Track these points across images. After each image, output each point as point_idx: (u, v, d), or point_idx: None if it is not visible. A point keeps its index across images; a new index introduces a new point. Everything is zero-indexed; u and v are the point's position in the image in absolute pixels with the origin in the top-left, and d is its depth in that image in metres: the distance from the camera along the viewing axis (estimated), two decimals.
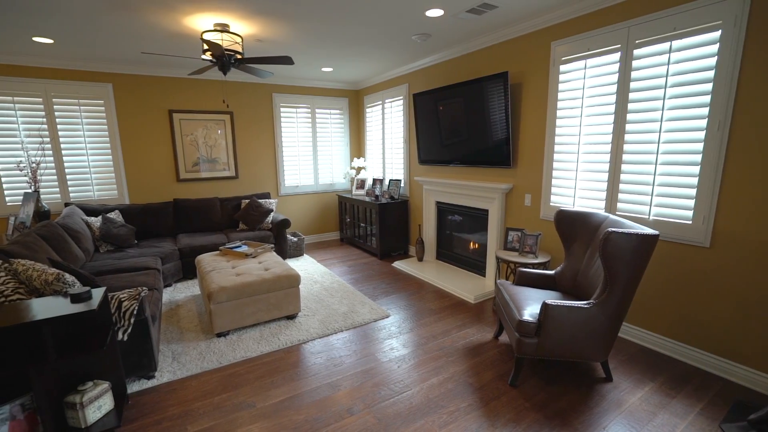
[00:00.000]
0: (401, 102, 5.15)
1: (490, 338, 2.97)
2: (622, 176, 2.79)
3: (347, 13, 2.98)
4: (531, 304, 2.44)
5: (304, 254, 5.41)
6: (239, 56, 3.21)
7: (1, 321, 1.67)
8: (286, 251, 4.91)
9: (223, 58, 3.10)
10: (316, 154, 6.02)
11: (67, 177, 4.44)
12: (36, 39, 3.45)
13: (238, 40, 3.18)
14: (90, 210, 4.26)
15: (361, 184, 5.88)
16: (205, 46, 3.03)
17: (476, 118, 3.80)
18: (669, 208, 2.57)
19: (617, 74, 2.73)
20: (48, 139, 4.28)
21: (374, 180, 5.64)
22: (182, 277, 4.34)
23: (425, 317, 3.35)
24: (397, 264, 4.81)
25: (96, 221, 4.09)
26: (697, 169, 2.41)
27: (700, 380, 2.39)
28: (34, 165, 4.20)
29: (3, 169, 4.12)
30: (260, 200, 5.06)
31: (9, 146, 4.11)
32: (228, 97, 5.22)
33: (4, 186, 4.15)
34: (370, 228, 5.35)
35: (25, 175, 4.19)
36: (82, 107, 4.40)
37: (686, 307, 2.58)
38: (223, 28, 3.12)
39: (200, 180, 5.22)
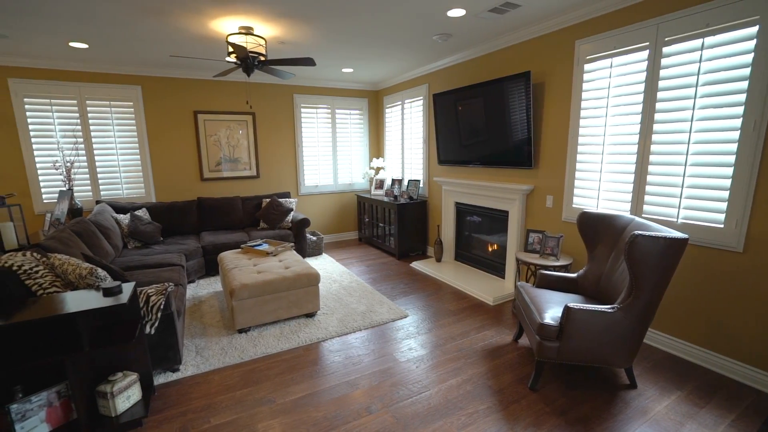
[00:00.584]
0: (421, 102, 5.14)
1: (509, 341, 2.94)
2: (649, 178, 2.70)
3: (369, 14, 3.00)
4: (552, 307, 2.40)
5: (323, 253, 5.47)
6: (263, 58, 3.28)
7: (40, 312, 1.76)
8: (305, 250, 4.98)
9: (248, 60, 3.17)
10: (336, 154, 6.07)
11: (99, 176, 4.63)
12: (72, 44, 3.61)
13: (262, 42, 3.24)
14: (119, 208, 4.43)
15: (380, 184, 5.90)
16: (230, 49, 3.10)
17: (497, 119, 3.76)
18: (699, 211, 2.48)
19: (645, 73, 2.65)
20: (81, 140, 4.47)
21: (393, 180, 5.65)
22: (205, 273, 4.46)
23: (444, 318, 3.34)
24: (416, 264, 4.81)
25: (124, 218, 4.25)
26: (730, 171, 2.32)
27: (731, 390, 2.30)
28: (68, 164, 4.40)
29: (40, 168, 4.33)
30: (280, 199, 5.15)
31: (46, 146, 4.32)
32: (250, 98, 5.33)
33: (41, 184, 4.36)
34: (388, 228, 5.37)
35: (61, 174, 4.40)
36: (113, 109, 4.58)
37: (717, 314, 2.48)
38: (248, 31, 3.19)
39: (223, 179, 5.35)
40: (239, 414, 2.14)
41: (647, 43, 2.62)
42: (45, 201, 4.41)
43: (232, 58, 3.24)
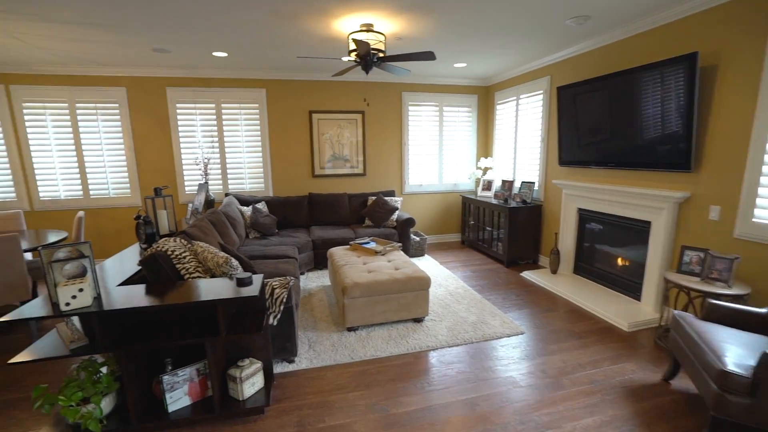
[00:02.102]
0: (540, 97, 4.66)
1: (657, 380, 2.42)
2: None
3: (496, 2, 2.74)
4: (733, 349, 1.88)
5: (426, 254, 5.33)
6: (381, 54, 3.24)
7: (188, 296, 1.91)
8: (409, 250, 4.89)
9: (367, 57, 3.15)
10: (442, 153, 5.88)
11: (228, 171, 5.15)
12: (215, 53, 4.04)
13: (381, 38, 3.20)
14: (242, 200, 4.86)
15: (488, 185, 5.54)
16: (352, 46, 3.12)
17: (644, 111, 3.17)
18: None
19: None
20: (216, 139, 5.02)
21: (503, 182, 5.25)
22: (313, 266, 4.65)
23: (566, 340, 2.93)
24: (527, 274, 4.38)
25: (247, 210, 4.64)
26: None
27: None
28: (206, 160, 4.97)
29: (185, 164, 4.98)
30: (386, 198, 5.14)
31: (190, 145, 4.95)
32: (361, 97, 5.43)
33: (185, 178, 5.01)
34: (496, 232, 5.00)
35: (199, 169, 4.99)
36: (242, 111, 5.05)
37: None
38: (368, 28, 3.17)
39: (332, 176, 5.56)
40: (353, 418, 2.09)
41: None
42: (187, 192, 5.06)
43: (352, 56, 3.26)
